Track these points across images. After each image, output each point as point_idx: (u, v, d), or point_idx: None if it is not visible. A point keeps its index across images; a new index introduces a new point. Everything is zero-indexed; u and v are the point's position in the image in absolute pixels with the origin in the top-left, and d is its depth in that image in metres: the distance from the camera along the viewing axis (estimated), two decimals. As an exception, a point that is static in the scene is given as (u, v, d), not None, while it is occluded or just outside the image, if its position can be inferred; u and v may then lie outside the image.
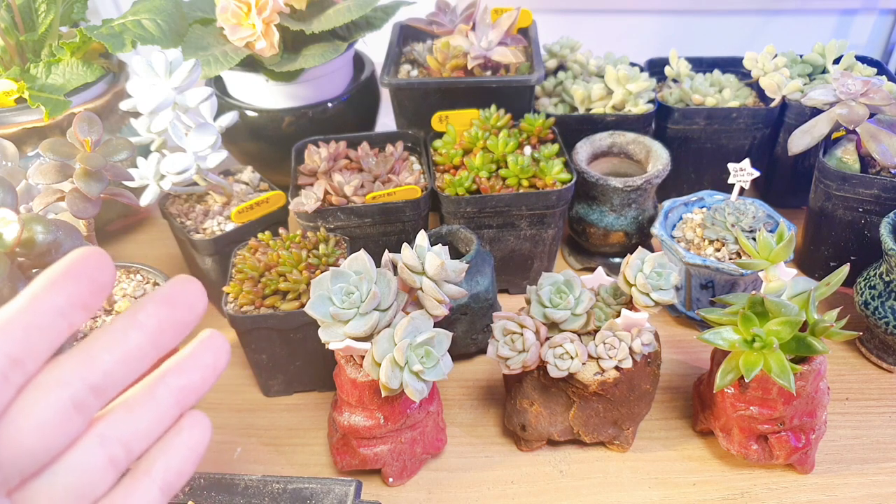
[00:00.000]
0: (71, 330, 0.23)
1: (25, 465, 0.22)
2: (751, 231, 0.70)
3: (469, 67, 0.81)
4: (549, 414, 0.60)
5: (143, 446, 0.25)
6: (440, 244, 0.55)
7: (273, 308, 0.62)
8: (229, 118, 0.74)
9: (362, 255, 0.53)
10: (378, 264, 0.55)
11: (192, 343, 0.26)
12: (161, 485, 0.26)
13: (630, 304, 0.58)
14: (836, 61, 0.87)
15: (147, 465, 0.25)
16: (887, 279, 0.65)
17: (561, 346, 0.56)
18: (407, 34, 0.94)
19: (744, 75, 0.90)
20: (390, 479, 0.60)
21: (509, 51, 0.81)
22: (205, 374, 0.26)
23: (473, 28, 0.84)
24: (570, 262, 0.85)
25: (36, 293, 0.22)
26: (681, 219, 0.76)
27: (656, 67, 0.92)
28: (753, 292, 0.54)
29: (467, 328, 0.69)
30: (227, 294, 0.63)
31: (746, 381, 0.52)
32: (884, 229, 0.64)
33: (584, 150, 0.79)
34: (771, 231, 0.70)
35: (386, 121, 1.00)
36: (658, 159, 0.76)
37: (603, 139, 0.80)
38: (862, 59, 0.89)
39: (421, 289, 0.54)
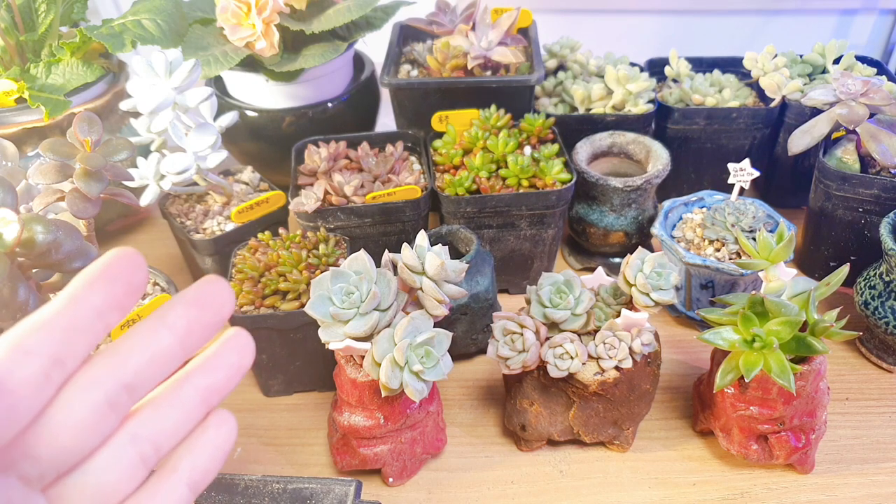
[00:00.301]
0: (107, 331, 0.23)
1: (61, 463, 0.23)
2: (751, 231, 0.70)
3: (469, 67, 0.81)
4: (549, 414, 0.60)
5: (170, 444, 0.26)
6: (440, 244, 0.55)
7: (273, 308, 0.62)
8: (229, 118, 0.74)
9: (362, 255, 0.53)
10: (378, 264, 0.55)
11: (217, 342, 0.27)
12: (188, 482, 0.26)
13: (630, 304, 0.58)
14: (836, 61, 0.87)
15: (174, 464, 0.26)
16: (887, 279, 0.64)
17: (561, 346, 0.56)
18: (407, 34, 0.94)
19: (744, 75, 0.90)
20: (390, 479, 0.60)
21: (509, 51, 0.81)
22: (229, 373, 0.26)
23: (473, 28, 0.84)
24: (570, 262, 0.85)
25: (75, 294, 0.22)
26: (681, 219, 0.76)
27: (656, 67, 0.92)
28: (753, 292, 0.54)
29: (467, 328, 0.69)
30: (227, 294, 0.63)
31: (746, 381, 0.52)
32: (884, 229, 0.64)
33: (584, 150, 0.79)
34: (771, 231, 0.70)
35: (386, 121, 1.00)
36: (658, 159, 0.76)
37: (603, 139, 0.80)
38: (862, 59, 0.89)
39: (421, 289, 0.54)
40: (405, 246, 0.54)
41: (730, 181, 0.72)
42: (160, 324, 0.24)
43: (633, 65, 0.90)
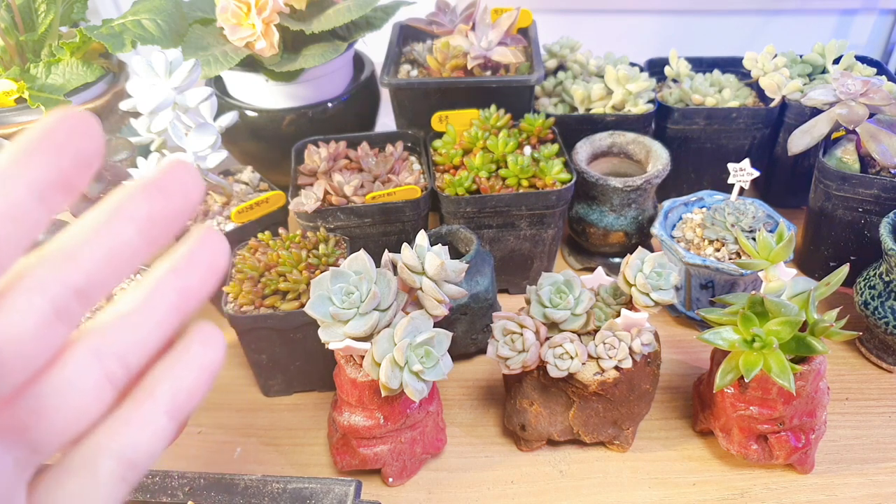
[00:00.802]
0: (50, 218, 0.19)
1: (4, 383, 0.19)
2: (751, 231, 0.70)
3: (469, 67, 0.81)
4: (549, 414, 0.60)
5: (141, 360, 0.21)
6: (440, 244, 0.55)
7: (273, 308, 0.62)
8: (229, 118, 0.74)
9: (362, 255, 0.53)
10: (378, 264, 0.55)
11: (187, 239, 0.22)
12: (168, 409, 0.22)
13: (630, 304, 0.58)
14: (836, 61, 0.87)
15: (151, 387, 0.22)
16: (887, 279, 0.64)
17: (561, 346, 0.56)
18: (407, 34, 0.94)
19: (744, 75, 0.90)
20: (390, 479, 0.60)
21: (509, 51, 0.81)
22: (203, 273, 0.22)
23: (473, 28, 0.84)
24: (570, 262, 0.85)
25: (5, 171, 0.18)
26: (681, 219, 0.76)
27: (656, 67, 0.92)
28: (753, 292, 0.54)
29: (467, 328, 0.69)
30: (227, 294, 0.63)
31: (746, 381, 0.52)
32: (884, 229, 0.64)
33: (583, 150, 0.79)
34: (771, 231, 0.70)
35: (386, 121, 1.00)
36: (658, 159, 0.76)
37: (603, 139, 0.80)
38: (862, 59, 0.89)
39: (421, 289, 0.54)
40: (405, 246, 0.54)
41: (730, 181, 0.72)
42: (115, 213, 0.20)
43: (633, 65, 0.90)
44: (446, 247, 0.55)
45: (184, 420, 0.22)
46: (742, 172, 0.71)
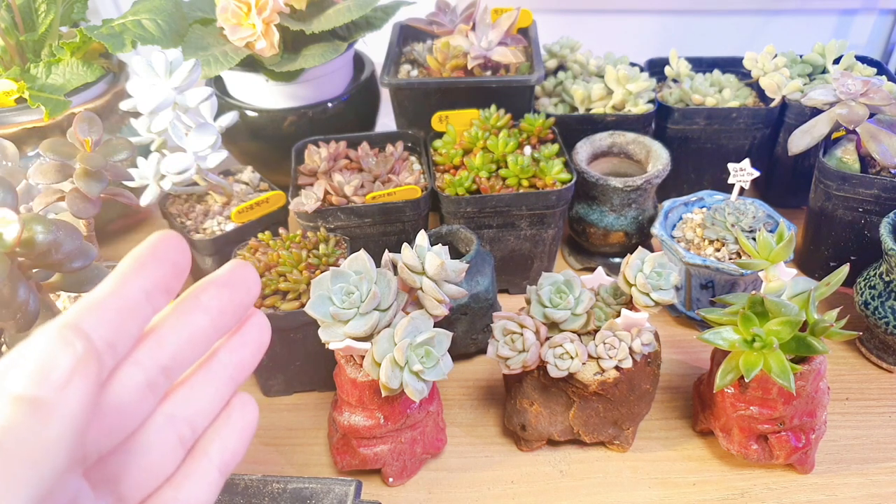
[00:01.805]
0: (155, 314, 0.23)
1: (103, 444, 0.23)
2: (751, 231, 0.70)
3: (469, 67, 0.81)
4: (549, 414, 0.60)
5: (204, 424, 0.26)
6: (440, 244, 0.55)
7: (273, 308, 0.62)
8: (229, 118, 0.74)
9: (362, 255, 0.53)
10: (378, 264, 0.55)
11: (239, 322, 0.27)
12: (219, 465, 0.26)
13: (630, 304, 0.58)
14: (836, 61, 0.87)
15: (204, 447, 0.26)
16: (887, 279, 0.64)
17: (561, 345, 0.56)
18: (407, 34, 0.94)
19: (744, 75, 0.90)
20: (390, 479, 0.60)
21: (509, 51, 0.81)
22: (253, 349, 0.27)
23: (473, 28, 0.84)
24: (570, 262, 0.85)
25: (125, 275, 0.22)
26: (681, 219, 0.76)
27: (656, 67, 0.92)
28: (753, 292, 0.54)
29: (467, 328, 0.69)
30: (227, 294, 0.63)
31: (746, 381, 0.52)
32: (884, 229, 0.64)
33: (584, 150, 0.79)
34: (771, 231, 0.70)
35: (386, 121, 1.00)
36: (658, 159, 0.76)
37: (603, 139, 0.80)
38: (862, 59, 0.89)
39: (421, 289, 0.54)
40: (405, 246, 0.54)
41: (730, 181, 0.72)
42: (195, 305, 0.24)
43: (633, 65, 0.90)
44: (446, 247, 0.55)
45: (228, 474, 0.26)
46: (742, 172, 0.71)
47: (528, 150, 0.76)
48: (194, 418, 0.25)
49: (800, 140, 0.72)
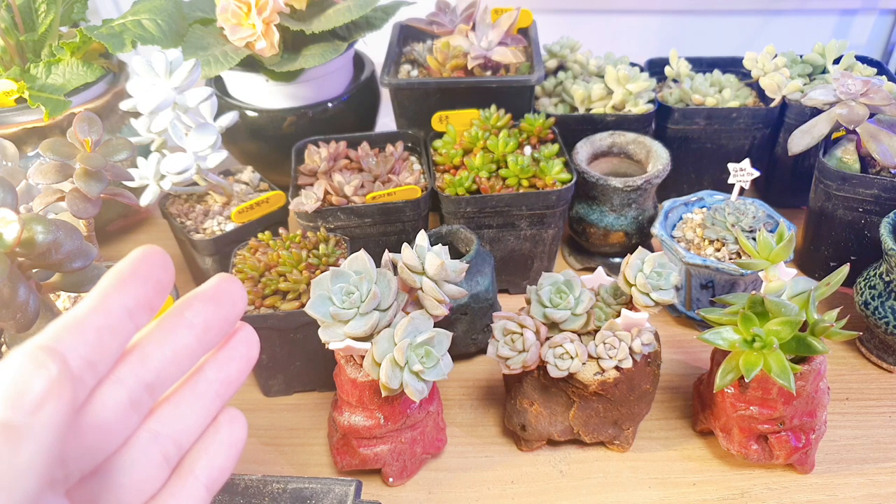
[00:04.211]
0: (137, 331, 0.23)
1: (86, 463, 0.22)
2: (751, 231, 0.70)
3: (469, 67, 0.81)
4: (549, 414, 0.60)
5: (191, 441, 0.25)
6: (440, 244, 0.55)
7: (273, 308, 0.62)
8: (229, 118, 0.74)
9: (362, 255, 0.53)
10: (378, 264, 0.55)
11: (227, 336, 0.26)
12: (206, 482, 0.26)
13: (630, 304, 0.58)
14: (836, 61, 0.87)
15: (190, 465, 0.25)
16: (887, 279, 0.65)
17: (561, 346, 0.56)
18: (407, 34, 0.94)
19: (744, 75, 0.90)
20: (390, 479, 0.60)
21: (509, 51, 0.81)
22: (241, 365, 0.26)
23: (473, 28, 0.84)
24: (570, 262, 0.85)
25: (106, 293, 0.22)
26: (681, 219, 0.76)
27: (656, 67, 0.92)
28: (753, 292, 0.54)
29: (467, 328, 0.69)
30: (227, 294, 0.63)
31: (746, 381, 0.52)
32: (884, 229, 0.64)
33: (584, 150, 0.79)
34: (771, 231, 0.70)
35: (386, 121, 1.00)
36: (658, 159, 0.76)
37: (603, 139, 0.80)
38: (862, 59, 0.89)
39: (421, 289, 0.54)
40: (405, 246, 0.54)
41: (730, 181, 0.72)
42: (179, 321, 0.24)
43: (633, 65, 0.90)
44: (446, 247, 0.55)
45: (216, 491, 0.26)
46: (742, 172, 0.71)
47: (528, 150, 0.76)
48: (179, 436, 0.25)
49: (800, 140, 0.72)
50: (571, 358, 0.56)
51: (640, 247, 0.59)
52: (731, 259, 0.70)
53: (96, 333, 0.21)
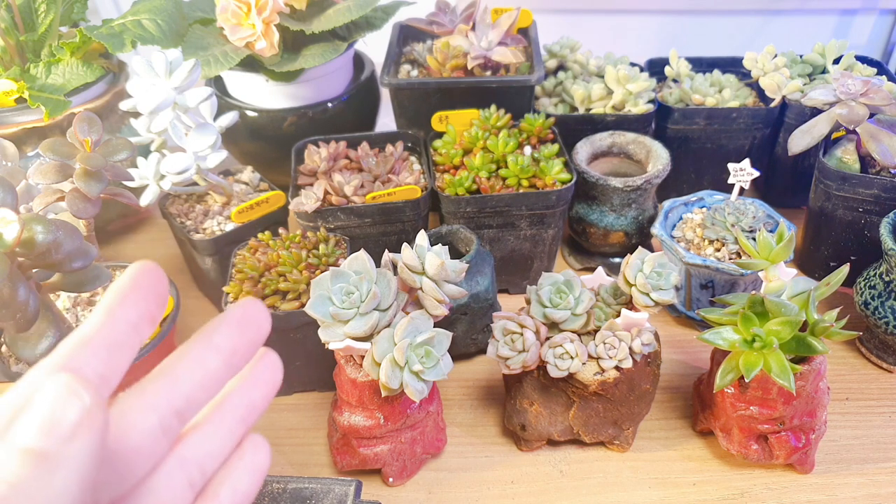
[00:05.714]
0: (141, 343, 0.23)
1: (115, 490, 0.23)
2: (751, 231, 0.70)
3: (469, 67, 0.81)
4: (549, 414, 0.60)
5: (214, 466, 0.25)
6: (440, 244, 0.55)
7: (273, 308, 0.62)
8: (229, 118, 0.74)
9: (362, 255, 0.53)
10: (378, 264, 0.55)
11: (251, 361, 0.27)
12: None
13: (630, 304, 0.58)
14: (836, 61, 0.87)
15: (215, 490, 0.25)
16: (887, 279, 0.64)
17: (561, 346, 0.56)
18: (407, 34, 0.94)
19: (744, 75, 0.90)
20: (390, 479, 0.60)
21: (509, 51, 0.81)
22: (264, 390, 0.27)
23: (473, 28, 0.84)
24: (570, 262, 0.85)
25: (111, 309, 0.22)
26: (681, 219, 0.76)
27: (656, 67, 0.92)
28: (753, 292, 0.54)
29: (467, 328, 0.69)
30: (227, 294, 0.63)
31: (746, 381, 0.52)
32: (884, 229, 0.64)
33: (584, 150, 0.79)
34: (771, 231, 0.70)
35: (386, 121, 1.00)
36: (658, 159, 0.76)
37: (603, 139, 0.80)
38: (862, 59, 0.89)
39: (421, 289, 0.54)
40: (405, 246, 0.54)
41: (730, 181, 0.72)
42: (207, 346, 0.24)
43: (633, 65, 0.90)
44: (446, 247, 0.55)
45: None
46: (742, 172, 0.71)
47: (528, 150, 0.76)
48: (204, 461, 0.25)
49: (800, 140, 0.72)
50: (571, 358, 0.56)
51: (640, 247, 0.59)
52: (730, 259, 0.70)
53: (107, 349, 0.22)
